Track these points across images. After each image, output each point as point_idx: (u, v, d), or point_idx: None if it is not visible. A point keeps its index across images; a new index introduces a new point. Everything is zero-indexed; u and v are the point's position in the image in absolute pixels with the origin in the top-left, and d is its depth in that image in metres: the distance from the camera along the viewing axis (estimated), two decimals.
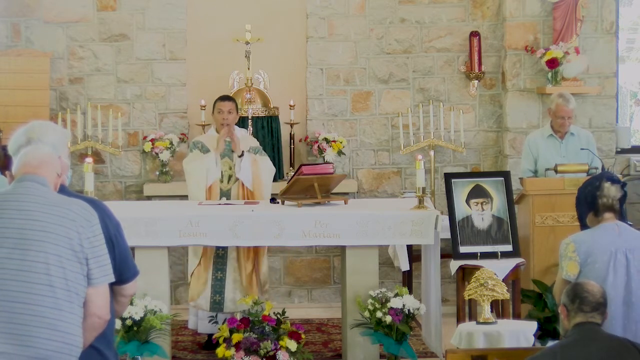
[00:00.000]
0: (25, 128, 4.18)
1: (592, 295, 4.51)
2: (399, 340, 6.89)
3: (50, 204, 3.85)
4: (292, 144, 9.34)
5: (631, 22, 10.35)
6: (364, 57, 9.42)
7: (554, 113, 8.01)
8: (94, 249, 3.86)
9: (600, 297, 4.52)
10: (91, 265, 3.84)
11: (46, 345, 3.73)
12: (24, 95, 8.99)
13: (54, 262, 3.77)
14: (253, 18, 9.28)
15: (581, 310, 4.48)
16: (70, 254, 3.80)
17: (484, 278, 6.29)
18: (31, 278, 3.75)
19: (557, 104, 7.98)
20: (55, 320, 3.74)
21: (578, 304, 4.49)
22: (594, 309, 4.50)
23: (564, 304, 4.56)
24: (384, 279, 8.86)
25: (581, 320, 4.48)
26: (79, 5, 9.24)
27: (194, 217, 7.10)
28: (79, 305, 3.82)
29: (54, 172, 3.98)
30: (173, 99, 9.35)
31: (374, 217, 7.14)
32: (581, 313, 4.48)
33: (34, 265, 3.75)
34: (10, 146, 4.15)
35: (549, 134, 8.08)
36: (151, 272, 6.98)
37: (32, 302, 3.74)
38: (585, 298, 4.50)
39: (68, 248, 3.80)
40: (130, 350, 6.71)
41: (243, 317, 6.99)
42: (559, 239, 7.55)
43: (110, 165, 9.34)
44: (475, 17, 9.42)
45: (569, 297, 4.54)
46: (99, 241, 3.89)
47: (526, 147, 8.16)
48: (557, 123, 8.02)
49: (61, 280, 3.76)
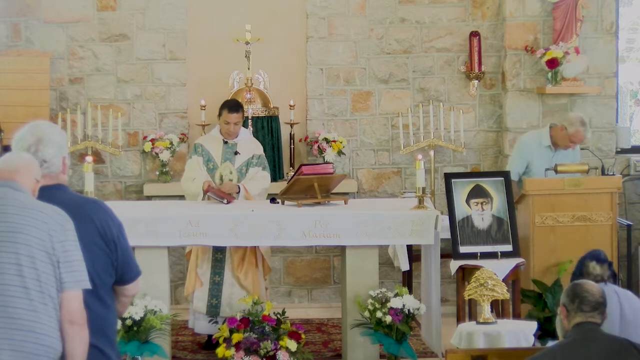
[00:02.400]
0: (32, 128, 4.17)
1: (592, 295, 4.50)
2: (399, 340, 6.89)
3: (23, 207, 3.82)
4: (292, 144, 9.34)
5: (631, 22, 10.34)
6: (364, 57, 9.42)
7: (569, 137, 7.98)
8: (66, 254, 3.81)
9: (599, 297, 4.52)
10: (62, 269, 3.80)
11: (22, 347, 3.69)
12: (24, 95, 8.99)
13: (27, 264, 3.73)
14: (253, 18, 9.28)
15: (581, 310, 4.48)
16: (44, 256, 3.77)
17: (484, 278, 6.29)
18: (4, 280, 3.72)
19: (578, 130, 7.96)
20: (30, 322, 3.71)
21: (578, 304, 4.48)
22: (594, 308, 4.49)
23: (563, 304, 4.55)
24: (384, 279, 8.86)
25: (581, 320, 4.47)
26: (79, 5, 9.24)
27: (194, 217, 7.10)
28: (54, 308, 3.78)
29: (31, 177, 3.95)
30: (173, 99, 9.35)
31: (374, 217, 7.14)
32: (581, 313, 4.48)
33: (6, 267, 3.72)
34: (19, 145, 4.14)
35: (547, 145, 8.09)
36: (151, 272, 6.97)
37: (6, 304, 3.70)
38: (585, 298, 4.49)
39: (41, 250, 3.77)
40: (130, 350, 6.71)
41: (243, 317, 6.98)
42: (559, 239, 7.62)
43: (110, 165, 9.34)
44: (475, 17, 9.42)
45: (569, 296, 4.54)
46: (72, 246, 3.84)
47: (521, 150, 8.14)
48: (566, 144, 8.03)
49: (34, 282, 3.73)
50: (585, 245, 7.59)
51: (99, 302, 4.17)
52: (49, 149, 4.12)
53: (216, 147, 7.88)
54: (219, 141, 7.90)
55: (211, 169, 7.85)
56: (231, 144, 7.87)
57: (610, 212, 7.67)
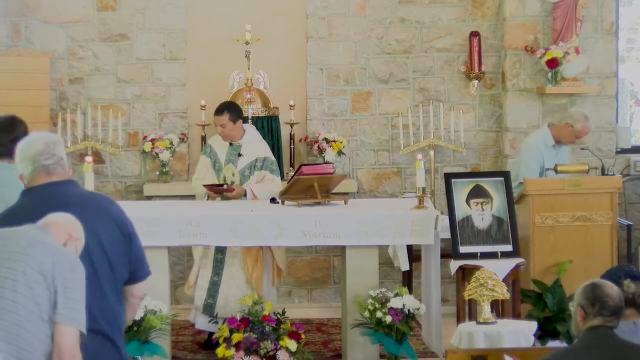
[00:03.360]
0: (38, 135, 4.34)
1: (612, 300, 4.36)
2: (399, 340, 6.89)
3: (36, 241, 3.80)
4: (292, 144, 9.34)
5: (631, 22, 10.35)
6: (364, 57, 9.42)
7: (576, 132, 8.08)
8: (66, 290, 3.74)
9: (619, 301, 4.38)
10: (59, 300, 3.72)
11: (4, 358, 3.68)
12: (24, 95, 8.99)
13: (22, 281, 3.70)
14: (253, 18, 9.28)
15: (600, 314, 4.32)
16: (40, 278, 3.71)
17: (484, 278, 6.29)
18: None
19: (584, 126, 8.11)
20: (15, 337, 3.67)
21: (599, 308, 4.34)
22: (614, 313, 4.36)
23: (581, 306, 4.39)
24: (384, 279, 8.86)
25: (598, 323, 4.35)
26: (79, 5, 9.24)
27: (194, 217, 7.10)
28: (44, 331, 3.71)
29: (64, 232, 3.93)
30: (173, 99, 9.35)
31: (373, 217, 7.14)
32: (600, 317, 4.31)
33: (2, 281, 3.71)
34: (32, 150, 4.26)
35: (552, 144, 8.12)
36: (151, 272, 6.98)
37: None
38: (606, 302, 4.35)
39: (37, 271, 3.72)
40: (130, 350, 6.70)
41: (243, 317, 6.98)
42: (559, 239, 7.63)
43: (110, 165, 9.34)
44: (475, 17, 9.42)
45: (588, 299, 4.37)
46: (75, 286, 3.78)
47: (532, 154, 8.13)
48: (571, 140, 8.12)
49: (26, 300, 3.69)
50: (585, 245, 7.62)
51: (117, 296, 4.23)
52: (61, 146, 4.33)
53: (223, 149, 7.90)
54: (226, 142, 7.92)
55: (217, 169, 7.88)
56: (236, 146, 7.87)
57: (610, 212, 7.67)
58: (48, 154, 4.25)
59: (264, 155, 7.91)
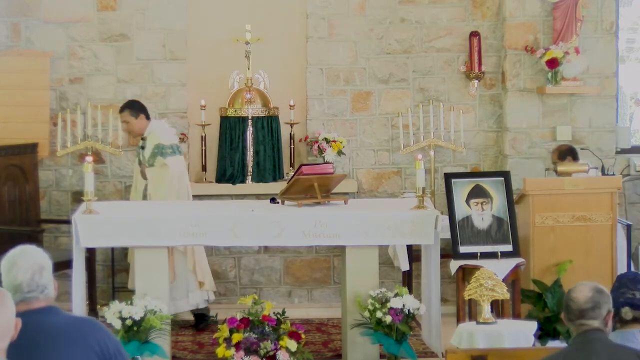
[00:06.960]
0: (23, 255, 4.06)
1: (575, 302, 4.30)
2: (399, 340, 6.89)
3: None
4: (292, 144, 9.34)
5: (631, 22, 10.34)
6: (364, 57, 9.42)
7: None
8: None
9: (583, 303, 4.28)
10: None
11: None
12: (24, 95, 9.00)
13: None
14: (253, 18, 9.28)
15: (568, 319, 4.31)
16: None
17: (484, 278, 6.29)
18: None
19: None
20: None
21: (565, 312, 4.33)
22: (579, 316, 4.28)
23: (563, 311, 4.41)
24: (384, 279, 8.86)
25: (574, 327, 4.35)
26: (79, 5, 9.24)
27: (194, 217, 7.10)
28: None
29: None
30: (173, 99, 9.35)
31: (373, 217, 7.14)
32: (569, 322, 4.33)
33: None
34: (17, 276, 4.01)
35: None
36: (151, 272, 6.98)
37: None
38: (569, 306, 4.31)
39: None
40: (130, 350, 6.70)
41: (243, 317, 6.98)
42: (559, 239, 7.62)
43: (110, 165, 9.34)
44: (475, 17, 9.42)
45: (563, 303, 4.38)
46: None
47: None
48: None
49: None
50: (585, 245, 7.62)
51: None
52: (48, 272, 4.07)
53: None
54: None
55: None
56: (141, 140, 8.35)
57: (610, 212, 7.67)
58: (33, 285, 4.00)
59: (158, 141, 8.16)
